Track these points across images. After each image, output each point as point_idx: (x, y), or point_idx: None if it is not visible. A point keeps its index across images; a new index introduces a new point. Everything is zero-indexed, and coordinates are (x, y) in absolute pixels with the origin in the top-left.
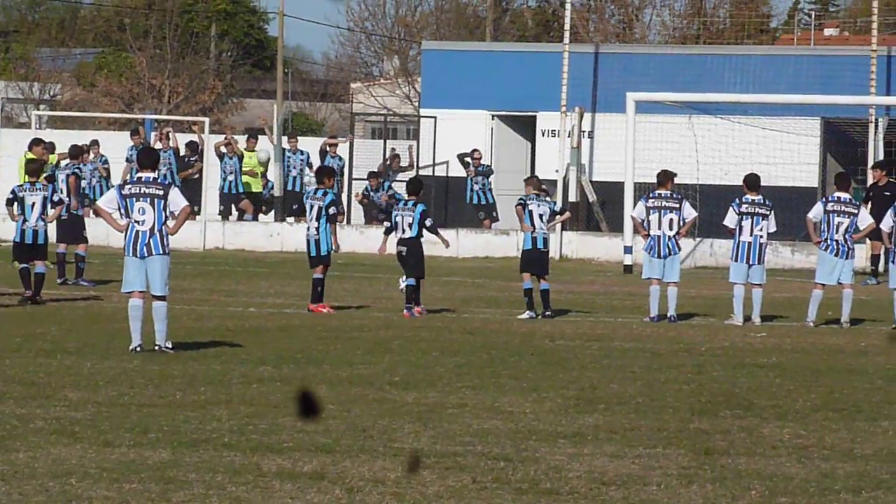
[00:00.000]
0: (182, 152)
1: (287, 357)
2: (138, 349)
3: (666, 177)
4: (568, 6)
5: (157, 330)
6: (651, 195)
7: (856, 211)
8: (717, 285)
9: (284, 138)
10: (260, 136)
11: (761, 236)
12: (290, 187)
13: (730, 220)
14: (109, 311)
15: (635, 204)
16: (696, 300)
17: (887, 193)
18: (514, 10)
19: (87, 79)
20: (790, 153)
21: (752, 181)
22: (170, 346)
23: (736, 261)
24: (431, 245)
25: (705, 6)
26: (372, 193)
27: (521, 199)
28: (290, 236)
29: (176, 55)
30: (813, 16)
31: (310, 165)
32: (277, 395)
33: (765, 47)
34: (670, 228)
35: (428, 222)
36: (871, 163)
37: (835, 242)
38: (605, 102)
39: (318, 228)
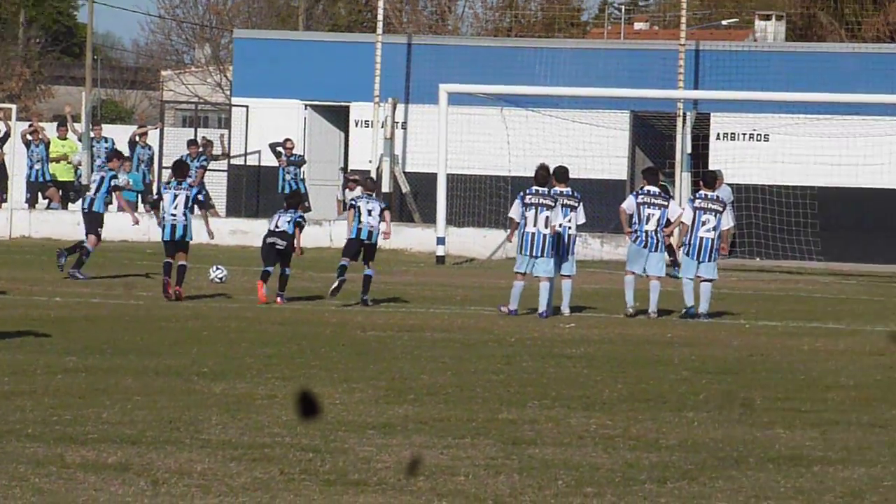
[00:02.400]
0: None
1: (93, 347)
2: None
3: (547, 174)
4: None
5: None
6: (528, 192)
7: (665, 203)
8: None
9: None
10: (70, 127)
11: (570, 227)
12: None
13: (514, 212)
14: None
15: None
16: (505, 291)
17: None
18: (325, 0)
19: None
20: (600, 146)
21: (561, 173)
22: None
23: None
24: (242, 234)
25: (517, 0)
26: (188, 162)
27: (352, 200)
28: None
29: None
30: (623, 10)
31: (116, 152)
32: (82, 385)
33: (575, 41)
34: (545, 226)
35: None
36: (678, 156)
37: (645, 234)
38: (418, 94)
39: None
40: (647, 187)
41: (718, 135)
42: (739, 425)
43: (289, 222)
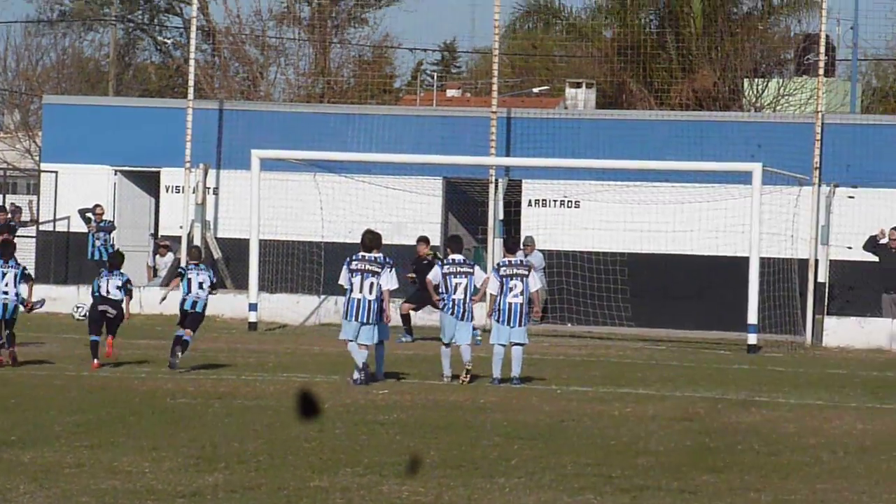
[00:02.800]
0: None
1: None
2: None
3: (372, 241)
4: (192, 62)
5: None
6: (355, 258)
7: (471, 271)
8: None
9: None
10: None
11: (370, 294)
12: None
13: (343, 279)
14: None
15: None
16: (319, 357)
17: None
18: (137, 65)
19: None
20: (413, 212)
21: (366, 240)
22: None
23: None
24: (51, 301)
25: (329, 65)
26: None
27: (180, 268)
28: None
29: None
30: (435, 77)
31: None
32: None
33: (388, 107)
34: (370, 292)
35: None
36: (491, 222)
37: (453, 303)
38: (230, 159)
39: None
40: (451, 256)
41: (530, 201)
42: (551, 491)
43: (119, 288)
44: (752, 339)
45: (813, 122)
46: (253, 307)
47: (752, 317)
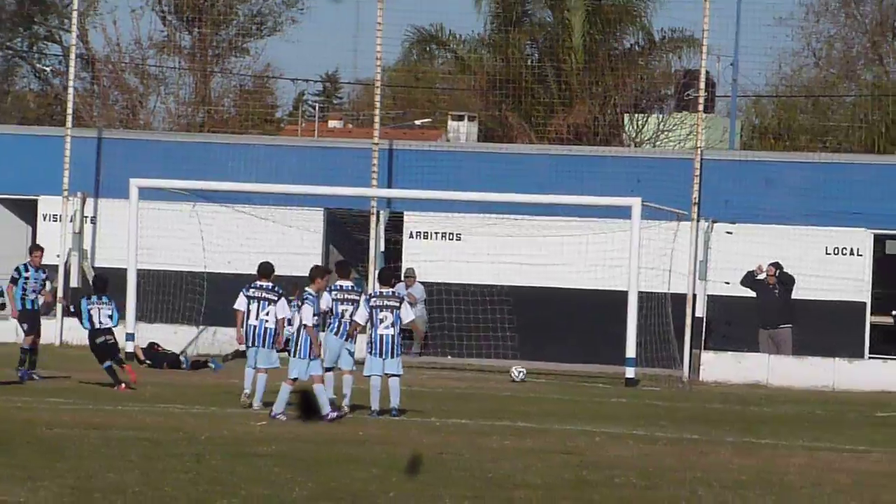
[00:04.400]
0: None
1: None
2: None
3: (267, 269)
4: (71, 90)
5: None
6: (251, 286)
7: (358, 298)
8: (225, 373)
9: None
10: None
11: (266, 321)
12: None
13: (239, 303)
14: None
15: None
16: (198, 388)
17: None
18: (15, 92)
19: None
20: (294, 242)
21: (263, 269)
22: None
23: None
24: None
25: (211, 95)
26: None
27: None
28: None
29: None
30: (317, 108)
31: None
32: None
33: (269, 137)
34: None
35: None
36: (372, 254)
37: (338, 326)
38: (109, 188)
39: None
40: (339, 282)
41: (412, 233)
42: None
43: (110, 316)
44: (630, 372)
45: (692, 158)
46: (130, 337)
47: (631, 350)
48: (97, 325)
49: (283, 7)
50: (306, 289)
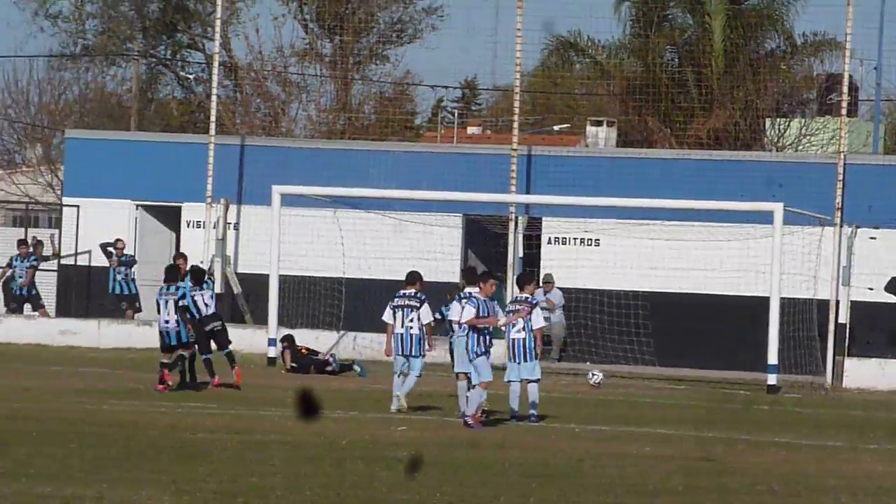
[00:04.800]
0: None
1: None
2: None
3: (413, 277)
4: (214, 98)
5: None
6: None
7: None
8: (361, 378)
9: None
10: None
11: (411, 328)
12: None
13: (386, 315)
14: None
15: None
16: (338, 393)
17: None
18: (159, 100)
19: None
20: (433, 248)
21: (409, 277)
22: None
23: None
24: (72, 335)
25: (351, 102)
26: (17, 263)
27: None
28: None
29: None
30: (456, 114)
31: None
32: None
33: (409, 143)
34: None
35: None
36: (510, 259)
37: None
38: (251, 195)
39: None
40: (467, 289)
41: (550, 239)
42: None
43: (211, 297)
44: (772, 379)
45: (835, 163)
46: (272, 342)
47: (773, 357)
48: (204, 313)
49: (422, 14)
50: (467, 290)
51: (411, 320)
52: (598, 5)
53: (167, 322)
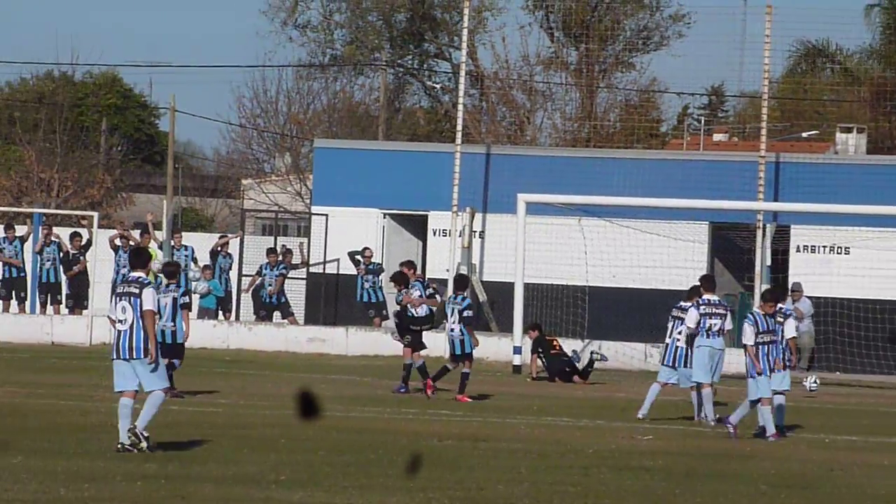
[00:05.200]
0: (68, 248)
1: (172, 455)
2: (120, 448)
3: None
4: (460, 107)
5: (143, 413)
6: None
7: (725, 312)
8: (608, 387)
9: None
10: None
11: (678, 339)
12: None
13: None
14: None
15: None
16: (582, 402)
17: None
18: (406, 109)
19: None
20: (678, 257)
21: (708, 283)
22: (146, 434)
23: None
24: (320, 342)
25: (596, 110)
26: (266, 271)
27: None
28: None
29: (65, 149)
30: (702, 121)
31: (194, 260)
32: (162, 493)
33: (654, 151)
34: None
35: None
36: (758, 268)
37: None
38: (496, 203)
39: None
40: (706, 296)
41: (798, 247)
42: None
43: (420, 295)
44: None
45: None
46: (517, 350)
47: None
48: (419, 314)
49: (669, 22)
50: (705, 297)
51: (679, 332)
52: (847, 11)
53: (452, 330)
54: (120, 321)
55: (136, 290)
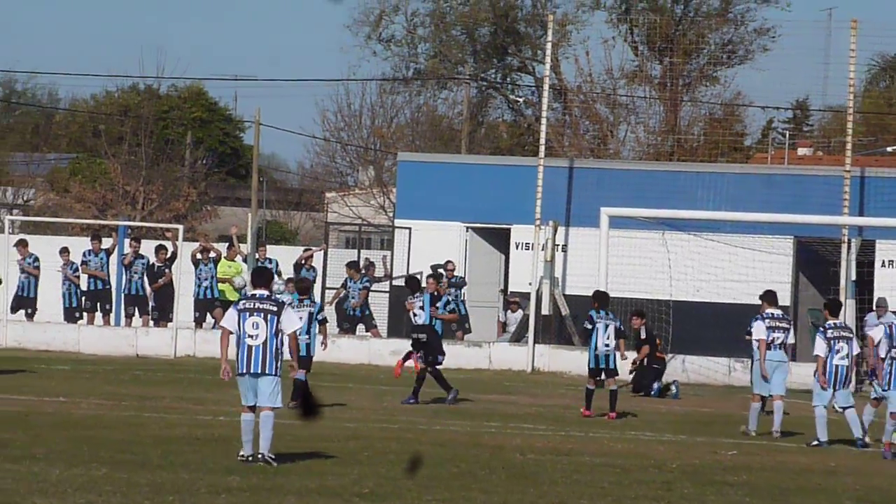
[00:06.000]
0: (152, 261)
1: (255, 467)
2: (248, 458)
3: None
4: (543, 121)
5: (262, 438)
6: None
7: (788, 326)
8: (690, 401)
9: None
10: (237, 248)
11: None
12: None
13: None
14: (77, 417)
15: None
16: (666, 416)
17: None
18: (489, 123)
19: (61, 184)
20: (762, 271)
21: (771, 297)
22: (272, 456)
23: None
24: (395, 354)
25: (679, 123)
26: (351, 284)
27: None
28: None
29: (150, 162)
30: (787, 135)
31: (278, 273)
32: None
33: (738, 165)
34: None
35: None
36: (843, 283)
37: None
38: (579, 216)
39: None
40: (769, 310)
41: (884, 262)
42: None
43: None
44: None
45: None
46: None
47: None
48: (417, 322)
49: (753, 35)
50: (768, 311)
51: (781, 343)
52: None
53: (607, 346)
54: (250, 336)
55: (275, 309)
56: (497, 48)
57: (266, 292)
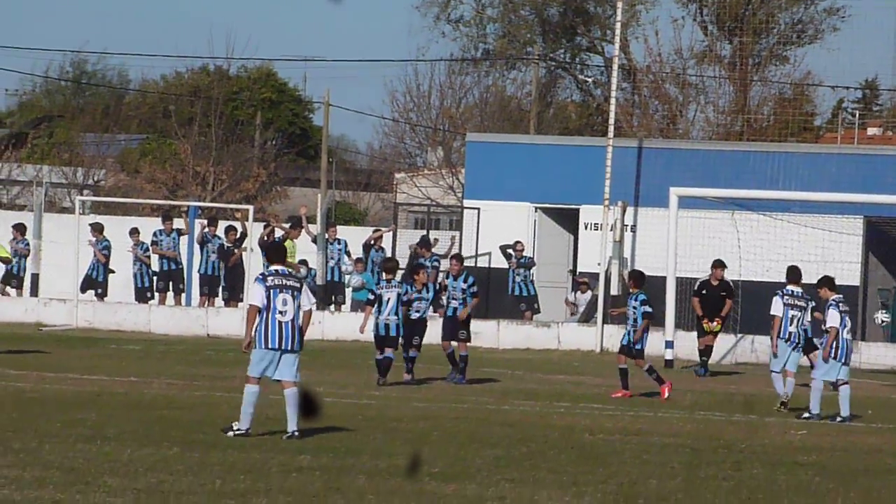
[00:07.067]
0: (223, 241)
1: (326, 447)
2: (244, 432)
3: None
4: (612, 101)
5: (290, 415)
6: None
7: (805, 305)
8: (758, 382)
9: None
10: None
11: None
12: (328, 277)
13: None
14: (149, 398)
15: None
16: (735, 397)
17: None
18: (557, 103)
19: (131, 165)
20: (832, 251)
21: (794, 274)
22: (297, 433)
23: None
24: (473, 335)
25: (749, 103)
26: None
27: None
28: (330, 325)
29: (220, 143)
30: (856, 115)
31: (348, 254)
32: (317, 485)
33: (808, 145)
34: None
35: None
36: None
37: (788, 334)
38: (648, 197)
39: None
40: (789, 287)
41: None
42: None
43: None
44: None
45: None
46: (669, 344)
47: None
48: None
49: (824, 15)
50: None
51: (799, 320)
52: None
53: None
54: (281, 312)
55: (298, 286)
56: (566, 28)
57: (285, 269)
